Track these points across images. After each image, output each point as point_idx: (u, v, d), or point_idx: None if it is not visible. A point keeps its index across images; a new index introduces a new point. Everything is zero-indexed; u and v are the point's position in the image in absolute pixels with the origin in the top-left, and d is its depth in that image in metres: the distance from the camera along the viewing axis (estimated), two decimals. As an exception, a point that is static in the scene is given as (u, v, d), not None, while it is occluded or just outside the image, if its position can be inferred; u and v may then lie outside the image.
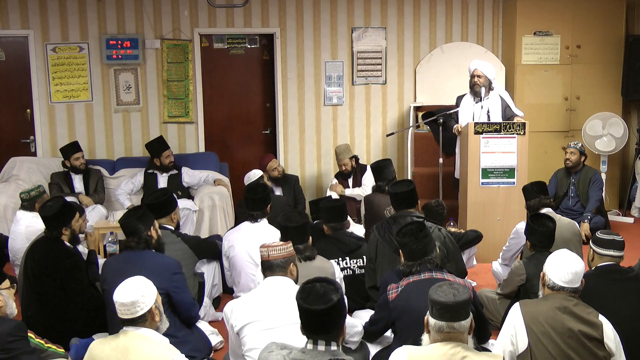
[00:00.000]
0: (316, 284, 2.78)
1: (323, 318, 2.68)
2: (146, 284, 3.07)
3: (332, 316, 2.70)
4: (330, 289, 2.73)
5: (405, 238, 3.66)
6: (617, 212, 7.92)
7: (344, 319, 2.78)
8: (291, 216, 4.29)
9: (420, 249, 3.61)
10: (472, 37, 8.18)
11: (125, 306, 2.98)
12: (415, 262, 3.61)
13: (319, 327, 2.71)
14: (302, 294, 2.75)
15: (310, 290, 2.74)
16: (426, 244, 3.64)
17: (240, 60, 7.94)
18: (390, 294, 3.58)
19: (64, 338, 4.25)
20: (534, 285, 3.79)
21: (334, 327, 2.72)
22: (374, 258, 4.58)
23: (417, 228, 3.70)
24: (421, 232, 3.67)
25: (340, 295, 2.72)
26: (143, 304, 2.99)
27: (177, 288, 3.98)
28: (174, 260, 4.14)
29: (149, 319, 3.02)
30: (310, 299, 2.70)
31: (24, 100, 7.48)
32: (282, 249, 3.56)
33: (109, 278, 4.01)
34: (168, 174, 7.01)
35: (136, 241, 4.08)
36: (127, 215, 4.20)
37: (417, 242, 3.62)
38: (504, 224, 5.96)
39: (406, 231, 3.70)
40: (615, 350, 3.14)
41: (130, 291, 3.00)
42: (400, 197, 4.72)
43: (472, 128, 6.01)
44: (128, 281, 3.07)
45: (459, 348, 2.72)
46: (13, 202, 6.40)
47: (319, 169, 8.13)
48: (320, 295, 2.71)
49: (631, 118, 8.33)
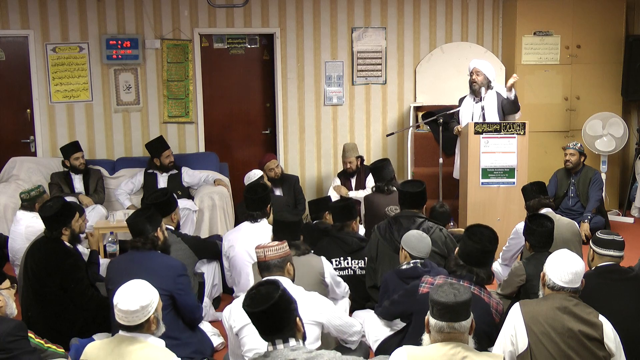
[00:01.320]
0: (260, 287, 2.83)
1: (269, 317, 2.72)
2: (149, 292, 2.99)
3: (278, 313, 2.73)
4: (272, 289, 2.78)
5: (475, 239, 3.60)
6: (617, 212, 7.92)
7: (293, 313, 2.79)
8: (284, 214, 4.34)
9: (482, 261, 3.57)
10: (472, 37, 8.19)
11: (126, 314, 2.91)
12: (469, 267, 3.56)
13: (270, 327, 2.75)
14: (247, 300, 2.80)
15: (255, 295, 2.80)
16: (487, 255, 3.60)
17: (240, 60, 7.94)
18: (422, 286, 3.54)
19: (64, 338, 4.25)
20: (534, 286, 3.79)
21: (285, 324, 2.75)
22: (375, 258, 4.59)
23: (490, 234, 3.65)
24: (490, 244, 3.61)
25: (281, 292, 2.75)
26: (144, 314, 2.93)
27: (181, 290, 3.98)
28: (180, 262, 4.14)
29: (146, 327, 2.96)
30: (254, 303, 2.75)
31: (24, 100, 7.48)
32: (278, 249, 3.57)
33: (114, 278, 4.02)
34: (168, 174, 7.01)
35: (142, 242, 4.07)
36: (135, 215, 4.18)
37: (481, 248, 3.57)
38: (504, 224, 5.95)
39: (477, 231, 3.64)
40: (615, 351, 3.14)
41: (133, 299, 2.92)
42: (408, 196, 4.72)
43: (472, 128, 6.01)
44: (131, 287, 2.98)
45: (460, 348, 2.72)
46: (13, 202, 6.40)
47: (319, 169, 8.13)
48: (263, 296, 2.75)
49: (631, 118, 8.33)
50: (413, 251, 4.09)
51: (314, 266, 4.10)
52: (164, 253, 4.17)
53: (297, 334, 2.78)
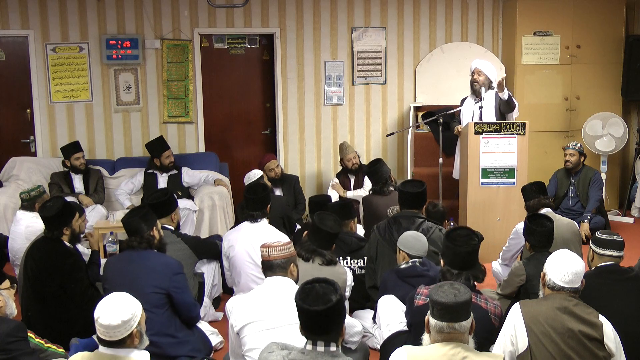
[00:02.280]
0: (315, 284, 2.77)
1: (322, 319, 2.68)
2: (131, 305, 2.86)
3: (331, 317, 2.69)
4: (329, 290, 2.73)
5: (456, 243, 3.56)
6: (617, 212, 7.92)
7: (343, 319, 2.77)
8: (326, 221, 4.27)
9: (468, 261, 3.53)
10: (472, 37, 8.19)
11: (108, 329, 2.79)
12: (460, 271, 3.51)
13: (318, 328, 2.70)
14: (302, 294, 2.74)
15: (310, 291, 2.74)
16: (473, 255, 3.57)
17: (240, 60, 7.94)
18: (418, 298, 3.49)
19: (64, 338, 4.25)
20: (534, 286, 3.79)
21: (333, 328, 2.71)
22: (375, 258, 4.59)
23: (468, 235, 3.62)
24: (472, 242, 3.58)
25: (339, 296, 2.71)
26: (126, 329, 2.81)
27: (178, 288, 3.98)
28: (176, 261, 4.14)
29: (128, 342, 2.84)
30: (310, 300, 2.70)
31: (24, 100, 7.48)
32: (283, 249, 3.56)
33: (111, 278, 4.03)
34: (168, 174, 7.01)
35: (138, 241, 4.07)
36: (130, 214, 4.19)
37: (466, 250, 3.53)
38: (504, 224, 5.95)
39: (456, 236, 3.61)
40: (615, 351, 3.14)
41: (114, 314, 2.80)
42: (408, 196, 4.72)
43: (472, 128, 6.01)
44: (112, 301, 2.86)
45: (460, 348, 2.72)
46: (13, 202, 6.40)
47: (319, 169, 8.13)
48: (320, 296, 2.70)
49: (631, 118, 8.33)
50: (412, 251, 4.11)
51: (340, 277, 4.08)
52: (160, 252, 4.17)
53: (339, 339, 2.75)
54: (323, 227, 4.20)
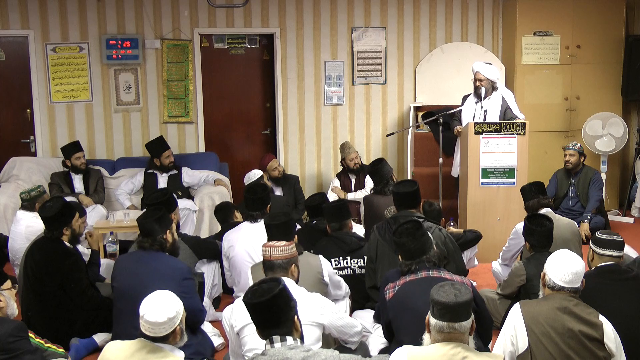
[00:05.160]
0: (262, 284, 2.85)
1: (268, 310, 2.74)
2: (175, 303, 2.99)
3: (277, 307, 2.74)
4: (273, 285, 2.80)
5: (402, 237, 3.65)
6: (617, 212, 7.92)
7: (292, 310, 2.80)
8: (275, 215, 4.33)
9: (417, 248, 3.60)
10: (472, 37, 8.19)
11: (153, 325, 2.91)
12: (413, 261, 3.59)
13: (267, 321, 2.76)
14: (248, 293, 2.82)
15: (256, 290, 2.82)
16: (423, 242, 3.62)
17: (240, 60, 7.94)
18: (387, 293, 3.56)
19: (64, 338, 4.26)
20: (534, 286, 3.79)
21: (282, 318, 2.75)
22: (374, 258, 4.58)
23: (413, 227, 3.68)
24: (418, 231, 3.65)
25: (282, 287, 2.77)
26: (170, 325, 2.94)
27: (186, 294, 3.95)
28: (185, 265, 4.13)
29: (170, 338, 2.97)
30: (255, 296, 2.78)
31: (24, 100, 7.48)
32: (285, 250, 3.56)
33: (119, 276, 4.04)
34: (168, 174, 7.01)
35: (150, 242, 4.07)
36: (146, 215, 4.18)
37: (414, 241, 3.60)
38: (504, 224, 5.95)
39: (402, 230, 3.68)
40: (615, 351, 3.14)
41: (160, 311, 2.92)
42: (402, 197, 4.71)
43: (472, 128, 6.01)
44: (157, 298, 2.98)
45: (460, 348, 2.72)
46: (13, 202, 6.40)
47: (319, 169, 8.13)
48: (264, 291, 2.77)
49: (631, 118, 8.33)
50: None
51: (312, 265, 4.09)
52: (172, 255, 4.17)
53: (294, 332, 2.78)
54: (273, 222, 4.17)
